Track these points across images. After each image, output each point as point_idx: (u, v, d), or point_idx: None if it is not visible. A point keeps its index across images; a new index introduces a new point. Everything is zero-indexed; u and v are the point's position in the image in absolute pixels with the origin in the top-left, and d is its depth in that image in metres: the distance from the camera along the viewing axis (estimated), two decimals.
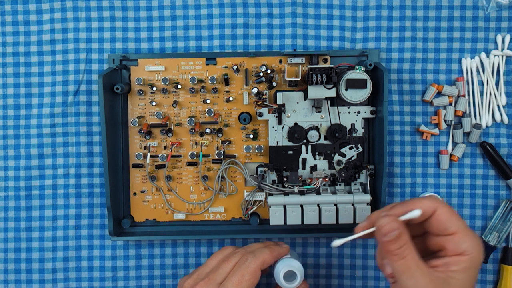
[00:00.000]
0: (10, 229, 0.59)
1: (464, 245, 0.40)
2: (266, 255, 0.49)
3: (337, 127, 0.57)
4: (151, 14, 0.59)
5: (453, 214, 0.42)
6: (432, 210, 0.42)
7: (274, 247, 0.52)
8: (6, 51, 0.59)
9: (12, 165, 0.59)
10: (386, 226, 0.41)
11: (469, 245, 0.40)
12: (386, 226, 0.41)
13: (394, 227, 0.41)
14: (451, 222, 0.41)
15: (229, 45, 0.59)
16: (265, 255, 0.49)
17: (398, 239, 0.40)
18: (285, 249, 0.53)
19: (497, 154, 0.58)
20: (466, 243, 0.40)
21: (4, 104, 0.59)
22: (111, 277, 0.59)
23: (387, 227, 0.41)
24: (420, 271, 0.40)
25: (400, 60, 0.59)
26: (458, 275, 0.40)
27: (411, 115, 0.59)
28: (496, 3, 0.58)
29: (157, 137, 0.58)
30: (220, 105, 0.58)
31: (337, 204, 0.56)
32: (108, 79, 0.55)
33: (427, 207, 0.42)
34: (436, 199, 0.43)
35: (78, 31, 0.58)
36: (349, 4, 0.58)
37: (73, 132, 0.59)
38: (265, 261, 0.49)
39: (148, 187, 0.59)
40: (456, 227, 0.41)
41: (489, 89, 0.58)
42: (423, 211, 0.42)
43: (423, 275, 0.40)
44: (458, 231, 0.41)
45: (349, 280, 0.60)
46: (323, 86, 0.54)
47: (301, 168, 0.57)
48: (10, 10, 0.58)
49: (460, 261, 0.41)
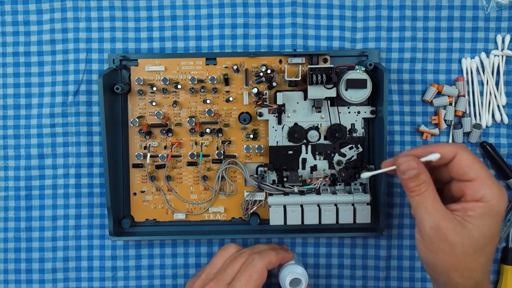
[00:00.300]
0: (10, 229, 0.59)
1: (481, 192, 0.42)
2: (272, 257, 0.50)
3: (337, 127, 0.57)
4: (151, 14, 0.59)
5: (474, 161, 0.43)
6: (452, 154, 0.44)
7: (280, 250, 0.53)
8: (6, 51, 0.59)
9: (12, 165, 0.59)
10: (404, 165, 0.43)
11: (487, 192, 0.41)
12: (404, 164, 0.43)
13: (412, 166, 0.43)
14: (470, 168, 0.43)
15: (229, 45, 0.59)
16: (271, 256, 0.50)
17: (416, 178, 0.43)
18: (290, 254, 0.54)
19: (497, 154, 0.58)
20: (484, 191, 0.41)
21: (4, 104, 0.59)
22: (111, 277, 0.59)
23: (404, 165, 0.43)
24: (434, 207, 0.42)
25: (400, 60, 0.59)
26: (474, 220, 0.41)
27: (411, 115, 0.59)
28: (496, 3, 0.58)
29: (157, 137, 0.58)
30: (220, 105, 0.58)
31: (337, 204, 0.56)
32: (108, 79, 0.55)
33: (448, 151, 0.44)
34: (459, 145, 0.44)
35: (78, 31, 0.58)
36: (349, 4, 0.58)
37: (73, 132, 0.59)
38: (271, 262, 0.50)
39: (148, 187, 0.59)
40: (475, 173, 0.42)
41: (489, 89, 0.58)
42: (442, 155, 0.44)
43: (436, 211, 0.42)
44: (477, 178, 0.42)
45: (349, 280, 0.60)
46: (323, 86, 0.54)
47: (301, 168, 0.57)
48: (10, 10, 0.58)
49: (476, 207, 0.42)
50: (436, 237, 0.42)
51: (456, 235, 0.41)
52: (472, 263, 0.42)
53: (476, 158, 0.44)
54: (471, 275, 0.43)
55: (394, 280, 0.60)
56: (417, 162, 0.43)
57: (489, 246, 0.42)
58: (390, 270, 0.60)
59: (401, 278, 0.60)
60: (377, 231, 0.57)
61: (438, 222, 0.42)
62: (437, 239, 0.42)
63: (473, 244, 0.42)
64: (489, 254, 0.43)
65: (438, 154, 0.43)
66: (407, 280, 0.60)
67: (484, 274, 0.43)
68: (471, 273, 0.43)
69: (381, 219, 0.56)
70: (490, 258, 0.43)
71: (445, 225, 0.42)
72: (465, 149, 0.44)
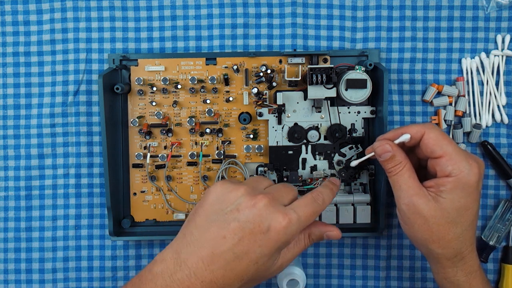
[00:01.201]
0: (10, 229, 0.59)
1: (449, 168, 0.44)
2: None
3: (337, 127, 0.57)
4: (151, 14, 0.59)
5: (440, 138, 0.45)
6: (420, 134, 0.46)
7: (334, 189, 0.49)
8: (6, 51, 0.59)
9: (12, 165, 0.59)
10: (379, 148, 0.47)
11: (454, 168, 0.44)
12: (379, 148, 0.47)
13: (386, 149, 0.46)
14: (437, 146, 0.45)
15: (229, 45, 0.59)
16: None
17: (392, 159, 0.46)
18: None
19: (497, 154, 0.58)
20: (451, 166, 0.44)
21: (4, 104, 0.59)
22: (111, 277, 0.59)
23: (379, 149, 0.47)
24: (408, 184, 0.46)
25: (400, 60, 0.59)
26: (445, 195, 0.44)
27: (411, 115, 0.59)
28: (496, 3, 0.58)
29: (157, 137, 0.58)
30: (220, 105, 0.58)
31: (337, 204, 0.56)
32: (108, 79, 0.55)
33: (416, 131, 0.46)
34: (426, 124, 0.47)
35: (78, 31, 0.58)
36: (349, 4, 0.58)
37: (73, 132, 0.59)
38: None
39: (148, 187, 0.59)
40: (442, 150, 0.45)
41: (489, 89, 0.58)
42: (412, 135, 0.46)
43: (410, 188, 0.45)
44: (444, 155, 0.45)
45: (349, 280, 0.60)
46: (323, 86, 0.54)
47: (301, 168, 0.57)
48: (10, 10, 0.58)
49: (446, 182, 0.44)
50: (410, 212, 0.45)
51: (428, 209, 0.45)
52: (447, 234, 0.45)
53: (444, 135, 0.46)
54: (449, 245, 0.46)
55: (394, 280, 0.60)
56: (390, 145, 0.47)
57: (462, 217, 0.45)
58: (390, 270, 0.60)
59: (401, 278, 0.60)
60: (377, 231, 0.57)
61: (411, 198, 0.45)
62: (411, 214, 0.45)
63: (445, 216, 0.45)
64: (465, 224, 0.45)
65: (409, 134, 0.46)
66: (407, 280, 0.60)
67: (462, 244, 0.46)
68: (448, 243, 0.46)
69: (381, 219, 0.56)
70: (468, 228, 0.46)
71: (417, 200, 0.45)
72: (432, 128, 0.46)
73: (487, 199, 0.59)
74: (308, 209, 0.43)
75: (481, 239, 0.58)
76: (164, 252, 0.43)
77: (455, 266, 0.47)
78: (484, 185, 0.59)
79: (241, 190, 0.43)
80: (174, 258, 0.41)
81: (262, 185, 0.46)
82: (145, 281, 0.41)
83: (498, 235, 0.58)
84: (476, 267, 0.47)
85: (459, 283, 0.47)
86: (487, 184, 0.59)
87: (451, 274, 0.47)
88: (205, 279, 0.40)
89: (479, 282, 0.47)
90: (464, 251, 0.46)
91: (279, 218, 0.41)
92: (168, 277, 0.40)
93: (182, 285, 0.40)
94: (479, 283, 0.47)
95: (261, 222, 0.40)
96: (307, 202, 0.44)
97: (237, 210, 0.41)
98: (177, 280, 0.40)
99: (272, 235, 0.40)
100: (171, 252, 0.42)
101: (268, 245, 0.41)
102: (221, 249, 0.40)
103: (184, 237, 0.42)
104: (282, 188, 0.45)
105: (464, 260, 0.47)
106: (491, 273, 0.59)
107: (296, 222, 0.41)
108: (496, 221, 0.58)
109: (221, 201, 0.43)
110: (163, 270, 0.41)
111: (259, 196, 0.42)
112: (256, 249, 0.40)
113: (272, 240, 0.41)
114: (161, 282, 0.40)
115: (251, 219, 0.41)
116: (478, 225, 0.59)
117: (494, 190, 0.59)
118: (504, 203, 0.58)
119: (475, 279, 0.47)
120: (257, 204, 0.41)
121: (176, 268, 0.41)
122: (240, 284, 0.41)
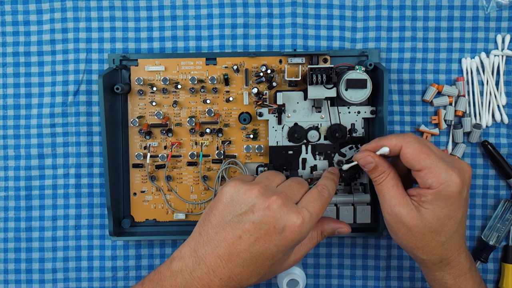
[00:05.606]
0: (10, 229, 0.59)
1: (428, 181, 0.44)
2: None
3: (337, 127, 0.57)
4: (151, 14, 0.59)
5: (417, 153, 0.45)
6: (398, 148, 0.46)
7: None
8: (6, 51, 0.59)
9: (12, 165, 0.59)
10: (361, 160, 0.48)
11: (433, 181, 0.44)
12: (361, 160, 0.48)
13: (368, 161, 0.47)
14: (414, 161, 0.45)
15: (229, 45, 0.59)
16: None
17: (375, 170, 0.47)
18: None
19: (498, 154, 0.58)
20: (431, 179, 0.44)
21: (4, 104, 0.59)
22: (111, 277, 0.59)
23: (361, 160, 0.48)
24: (391, 194, 0.46)
25: (400, 60, 0.59)
26: (426, 205, 0.45)
27: (411, 115, 0.59)
28: (496, 3, 0.58)
29: (157, 137, 0.58)
30: (220, 105, 0.58)
31: (337, 204, 0.56)
32: (108, 79, 0.55)
33: (394, 144, 0.46)
34: (405, 136, 0.46)
35: (78, 31, 0.58)
36: (349, 4, 0.58)
37: (73, 132, 0.59)
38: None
39: (148, 187, 0.59)
40: (420, 165, 0.45)
41: (489, 89, 0.58)
42: (390, 148, 0.46)
43: (393, 198, 0.46)
44: (423, 168, 0.44)
45: (349, 280, 0.60)
46: (323, 86, 0.54)
47: (301, 168, 0.57)
48: (10, 10, 0.58)
49: (427, 193, 0.45)
50: (393, 222, 0.46)
51: (410, 219, 0.45)
52: (431, 242, 0.46)
53: (421, 147, 0.45)
54: (433, 252, 0.46)
55: (394, 280, 0.60)
56: (372, 156, 0.47)
57: (445, 226, 0.45)
58: (390, 270, 0.60)
59: (401, 278, 0.60)
60: (377, 231, 0.57)
61: (393, 208, 0.46)
62: (395, 223, 0.46)
63: (427, 226, 0.45)
64: (449, 232, 0.45)
65: (387, 148, 0.46)
66: (407, 280, 0.60)
67: (447, 250, 0.46)
68: (432, 250, 0.46)
69: (381, 219, 0.56)
70: (452, 235, 0.46)
71: (400, 210, 0.45)
72: (410, 141, 0.45)
73: (487, 199, 0.59)
74: (317, 204, 0.45)
75: (481, 239, 0.58)
76: (182, 250, 0.44)
77: (441, 270, 0.47)
78: (484, 185, 0.59)
79: (254, 191, 0.43)
80: (193, 256, 0.43)
81: (274, 183, 0.47)
82: (164, 278, 0.43)
83: (498, 235, 0.58)
84: (466, 270, 0.47)
85: (447, 285, 0.48)
86: (487, 184, 0.59)
87: (439, 277, 0.48)
88: (224, 276, 0.42)
89: (469, 285, 0.47)
90: (450, 256, 0.47)
91: (294, 218, 0.42)
92: (188, 275, 0.42)
93: (201, 282, 0.42)
94: (468, 286, 0.47)
95: (276, 223, 0.42)
96: (315, 197, 0.45)
97: (251, 211, 0.42)
98: (197, 278, 0.42)
99: (287, 235, 0.42)
100: (189, 250, 0.43)
101: (284, 244, 0.42)
102: (238, 248, 0.42)
103: (200, 236, 0.44)
104: (294, 185, 0.46)
105: (450, 265, 0.47)
106: (491, 273, 0.59)
107: (309, 220, 0.43)
108: (496, 221, 0.58)
109: (235, 202, 0.44)
110: (182, 267, 0.42)
111: (272, 198, 0.43)
112: (272, 248, 0.42)
113: (287, 239, 0.42)
114: (181, 279, 0.42)
115: (266, 220, 0.42)
116: (478, 225, 0.59)
117: (494, 190, 0.59)
118: (503, 203, 0.58)
119: (464, 282, 0.47)
120: (271, 205, 0.42)
121: (195, 265, 0.42)
122: (257, 278, 0.43)
